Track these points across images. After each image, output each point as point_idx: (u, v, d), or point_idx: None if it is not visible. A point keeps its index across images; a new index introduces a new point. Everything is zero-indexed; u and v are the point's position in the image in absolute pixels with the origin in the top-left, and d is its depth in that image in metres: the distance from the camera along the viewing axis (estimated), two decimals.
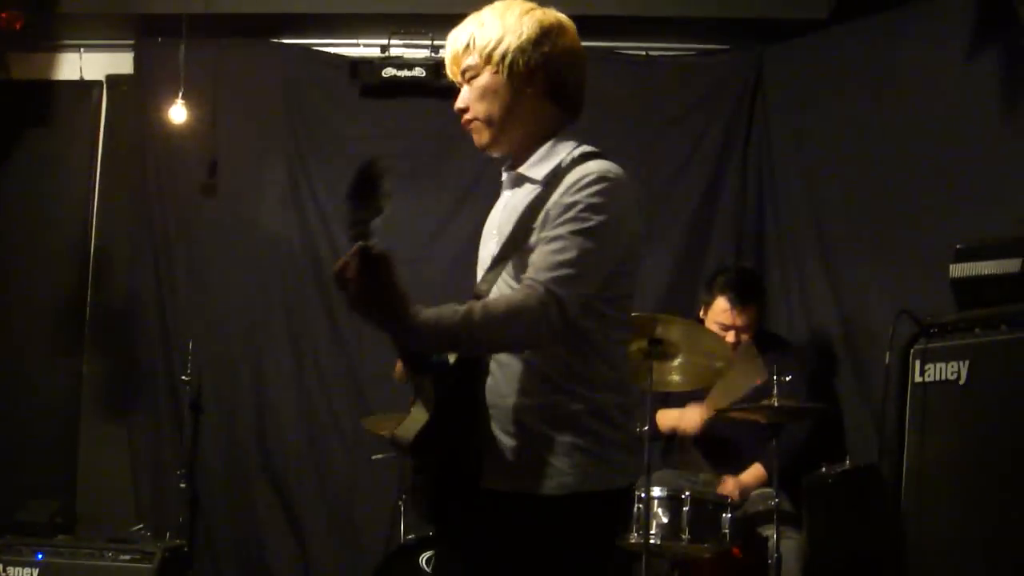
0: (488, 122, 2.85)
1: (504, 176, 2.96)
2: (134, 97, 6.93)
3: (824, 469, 4.85)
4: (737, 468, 5.32)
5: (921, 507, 4.44)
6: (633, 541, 4.72)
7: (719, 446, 5.39)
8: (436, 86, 6.38)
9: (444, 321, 2.54)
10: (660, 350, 4.71)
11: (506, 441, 2.71)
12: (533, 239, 2.67)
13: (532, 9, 2.88)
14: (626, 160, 6.37)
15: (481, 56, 2.82)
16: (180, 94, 6.42)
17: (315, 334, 6.60)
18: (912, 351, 4.56)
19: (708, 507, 4.78)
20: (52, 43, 7.10)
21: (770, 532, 4.75)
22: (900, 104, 5.74)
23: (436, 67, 6.39)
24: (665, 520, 4.74)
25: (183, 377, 6.22)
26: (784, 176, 6.39)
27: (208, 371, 6.49)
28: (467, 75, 2.85)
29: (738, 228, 6.45)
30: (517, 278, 2.69)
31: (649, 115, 6.58)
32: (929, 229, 5.37)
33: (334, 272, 2.48)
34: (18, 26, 6.51)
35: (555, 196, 2.68)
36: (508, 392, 2.72)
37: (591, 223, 2.64)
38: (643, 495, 4.68)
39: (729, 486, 5.17)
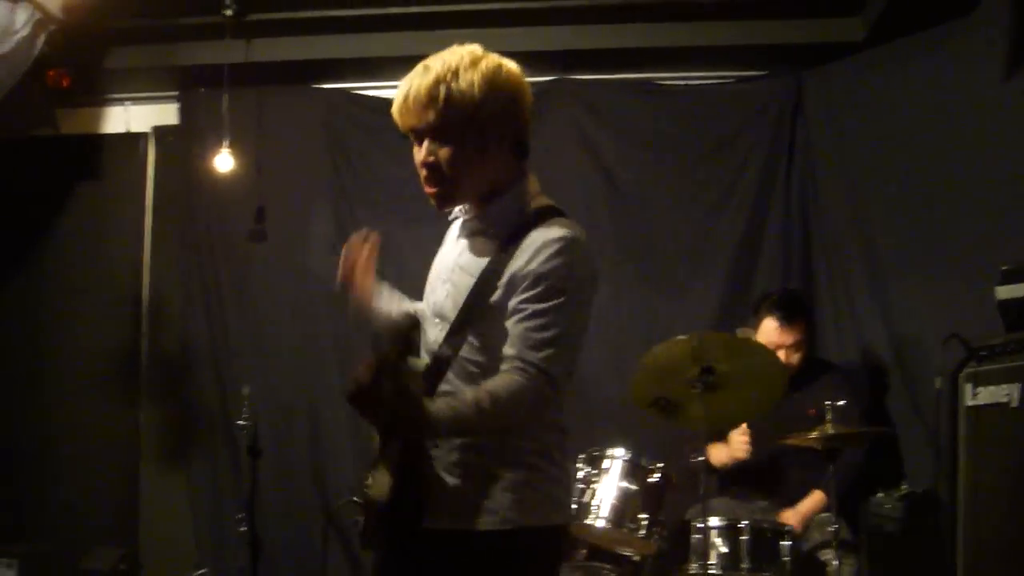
0: (449, 175, 2.83)
1: (459, 221, 2.98)
2: (180, 147, 7.04)
3: (881, 495, 4.84)
4: (792, 496, 5.32)
5: (977, 531, 4.41)
6: (693, 572, 4.74)
7: (774, 475, 5.39)
8: None
9: (460, 415, 2.64)
10: (712, 380, 4.70)
11: (448, 480, 2.78)
12: (496, 297, 2.72)
13: (478, 59, 2.85)
14: (668, 191, 6.48)
15: (441, 110, 2.76)
16: (225, 143, 6.49)
17: None
18: (962, 375, 4.53)
19: (767, 535, 4.79)
20: (99, 98, 7.24)
21: (829, 559, 4.75)
22: (940, 124, 5.71)
23: None
24: (724, 550, 4.76)
25: (239, 421, 6.28)
26: (829, 200, 6.39)
27: (263, 414, 6.53)
28: (427, 129, 2.80)
29: (785, 254, 6.44)
30: (480, 337, 2.76)
31: (690, 144, 6.59)
32: (975, 249, 5.33)
33: (348, 393, 2.58)
34: (65, 83, 6.66)
35: (521, 259, 2.72)
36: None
37: (566, 297, 2.71)
38: (701, 525, 4.70)
39: (790, 517, 5.17)
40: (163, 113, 7.16)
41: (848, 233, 6.25)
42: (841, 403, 4.85)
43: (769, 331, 5.45)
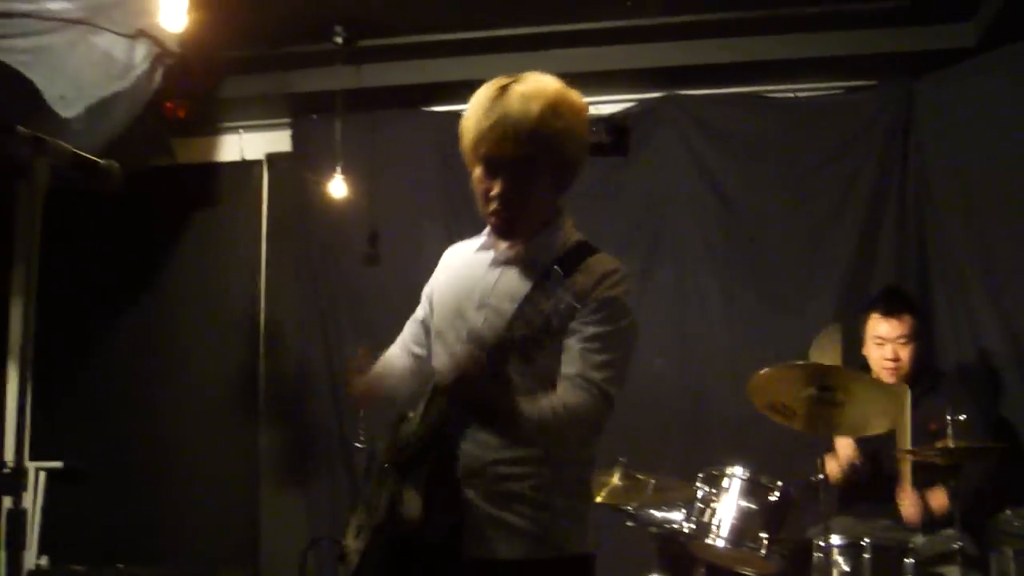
0: (520, 206, 2.87)
1: (496, 251, 2.98)
2: (293, 173, 7.15)
3: (1009, 512, 4.75)
4: None
5: None
6: None
7: (896, 492, 5.29)
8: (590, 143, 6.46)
9: (544, 419, 2.71)
10: (829, 397, 4.66)
11: (490, 508, 2.80)
12: (553, 323, 2.72)
13: (566, 95, 2.89)
14: (779, 204, 6.42)
15: (516, 143, 2.77)
16: (339, 168, 6.58)
17: None
18: None
19: (890, 553, 4.71)
20: (213, 127, 7.42)
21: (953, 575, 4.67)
22: None
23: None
24: (847, 568, 4.69)
25: (356, 444, 6.34)
26: (944, 209, 6.28)
27: (381, 436, 6.58)
28: (514, 160, 2.80)
29: (900, 265, 6.34)
30: (531, 363, 2.78)
31: (801, 157, 6.53)
32: None
33: (453, 375, 2.63)
34: (181, 114, 6.80)
35: (581, 286, 2.78)
36: (490, 459, 2.81)
37: (623, 323, 2.81)
38: (823, 543, 4.65)
39: (909, 507, 5.07)
40: (276, 140, 7.30)
41: (965, 242, 6.15)
42: (963, 417, 4.77)
43: (875, 326, 5.40)
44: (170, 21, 5.47)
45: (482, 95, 2.84)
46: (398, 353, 3.32)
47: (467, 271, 3.03)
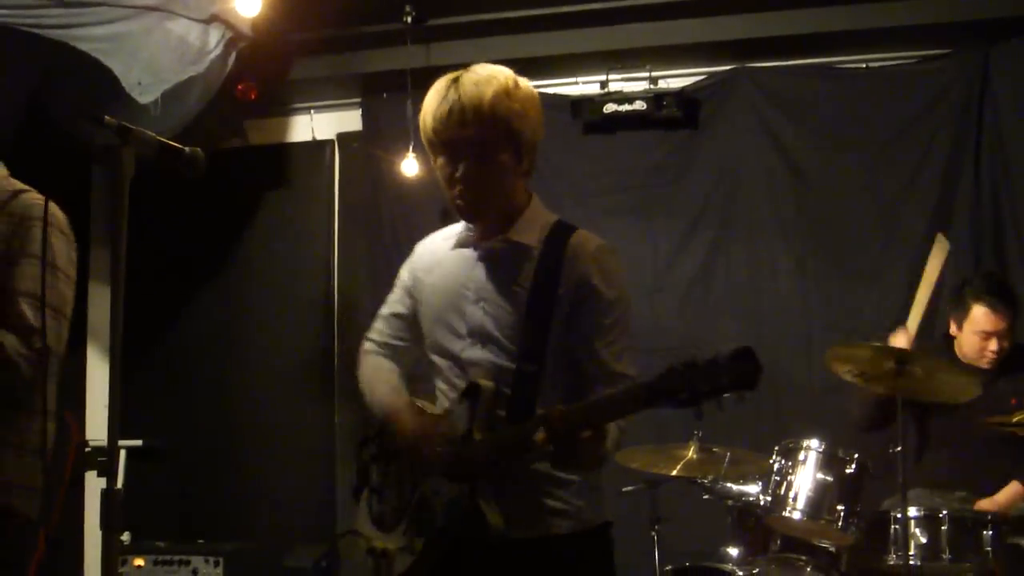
0: (485, 191, 2.91)
1: (477, 245, 3.00)
2: (364, 152, 7.21)
3: None
4: (991, 487, 5.16)
5: None
6: (892, 563, 4.69)
7: (973, 465, 5.25)
8: (657, 118, 6.51)
9: (617, 442, 2.80)
10: (907, 369, 4.65)
11: (515, 488, 2.84)
12: (560, 305, 2.84)
13: (517, 80, 2.97)
14: (852, 176, 6.38)
15: (491, 127, 2.84)
16: (410, 147, 6.62)
17: None
18: None
19: (968, 525, 4.70)
20: (284, 108, 7.48)
21: None
22: None
23: (657, 99, 6.49)
24: (924, 540, 4.69)
25: None
26: (1019, 177, 6.21)
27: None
28: (471, 144, 2.85)
29: (976, 235, 6.28)
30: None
31: (874, 128, 6.49)
32: None
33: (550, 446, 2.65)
34: (253, 96, 6.86)
35: (579, 268, 2.86)
36: None
37: (631, 311, 2.92)
38: (899, 515, 4.64)
39: (987, 507, 5.04)
40: (347, 120, 7.37)
41: None
42: None
43: (980, 319, 5.26)
44: (245, 6, 5.54)
45: (436, 87, 2.90)
46: (388, 364, 3.29)
47: (452, 268, 3.05)
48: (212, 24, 5.83)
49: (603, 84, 6.73)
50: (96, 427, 7.28)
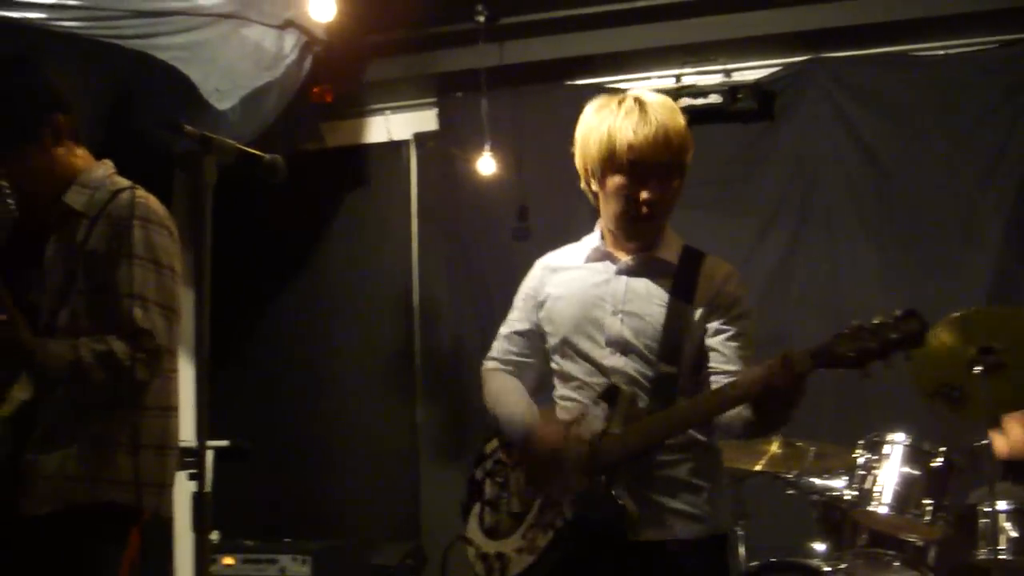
0: (665, 212, 3.08)
1: (614, 260, 3.11)
2: (440, 151, 7.23)
3: None
4: None
5: None
6: (982, 557, 4.63)
7: None
8: (732, 111, 6.48)
9: None
10: (993, 360, 4.56)
11: (649, 493, 2.94)
12: (695, 320, 3.00)
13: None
14: (932, 165, 6.29)
15: (687, 152, 3.02)
16: (487, 146, 6.65)
17: None
18: None
19: None
20: (360, 110, 7.53)
21: None
22: None
23: (731, 92, 6.46)
24: (1015, 534, 4.62)
25: None
26: None
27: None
28: (673, 166, 3.00)
29: None
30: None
31: (953, 116, 6.38)
32: None
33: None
34: (329, 99, 6.94)
35: (713, 287, 3.03)
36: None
37: (752, 319, 3.08)
38: (988, 509, 4.58)
39: None
40: (423, 120, 7.40)
41: None
42: None
43: None
44: (319, 11, 5.58)
45: (624, 107, 3.01)
46: (513, 381, 3.35)
47: (586, 283, 3.14)
48: (287, 30, 5.89)
49: (677, 79, 6.70)
50: (182, 428, 7.43)
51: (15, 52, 3.77)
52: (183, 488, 7.36)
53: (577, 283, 3.15)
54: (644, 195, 2.96)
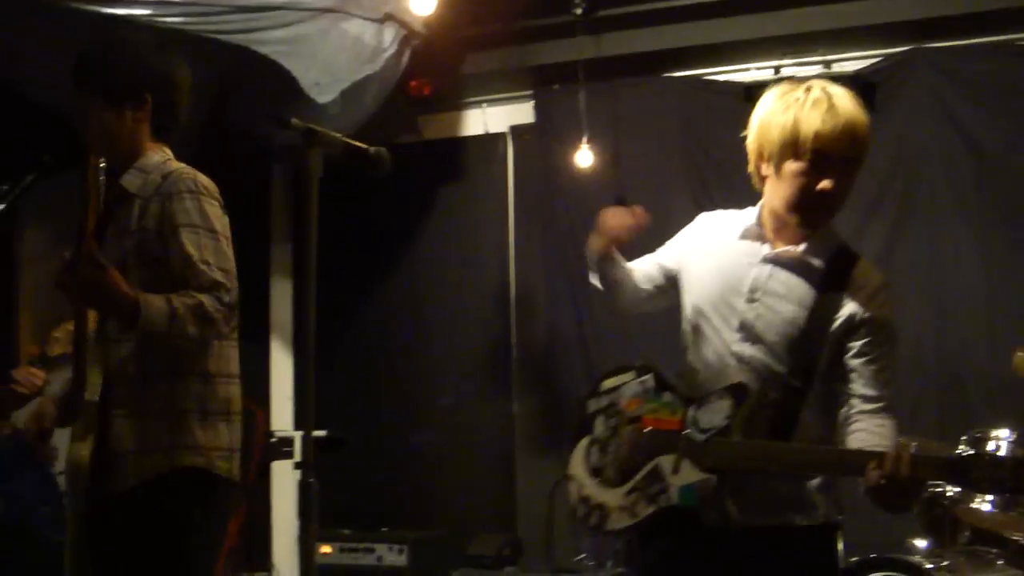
0: (839, 205, 2.99)
1: (768, 245, 3.07)
2: (537, 144, 7.25)
3: None
4: None
5: None
6: None
7: None
8: None
9: None
10: None
11: (756, 480, 2.93)
12: (833, 329, 2.91)
13: None
14: None
15: (854, 144, 2.92)
16: (584, 138, 6.65)
17: None
18: None
19: None
20: (457, 102, 7.56)
21: None
22: None
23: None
24: None
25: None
26: None
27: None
28: (855, 161, 2.94)
29: None
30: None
31: None
32: None
33: None
34: (426, 92, 6.99)
35: (859, 299, 2.92)
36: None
37: (897, 344, 2.99)
38: None
39: None
40: (519, 113, 7.41)
41: None
42: None
43: None
44: (419, 4, 5.63)
45: (811, 96, 2.93)
46: (640, 272, 3.47)
47: (733, 258, 3.11)
48: (386, 23, 5.95)
49: (776, 69, 6.64)
50: (280, 418, 7.55)
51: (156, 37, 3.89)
52: (283, 477, 7.51)
53: (723, 257, 3.13)
54: (823, 185, 2.90)
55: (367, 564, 6.58)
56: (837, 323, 2.91)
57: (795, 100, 2.93)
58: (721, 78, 6.86)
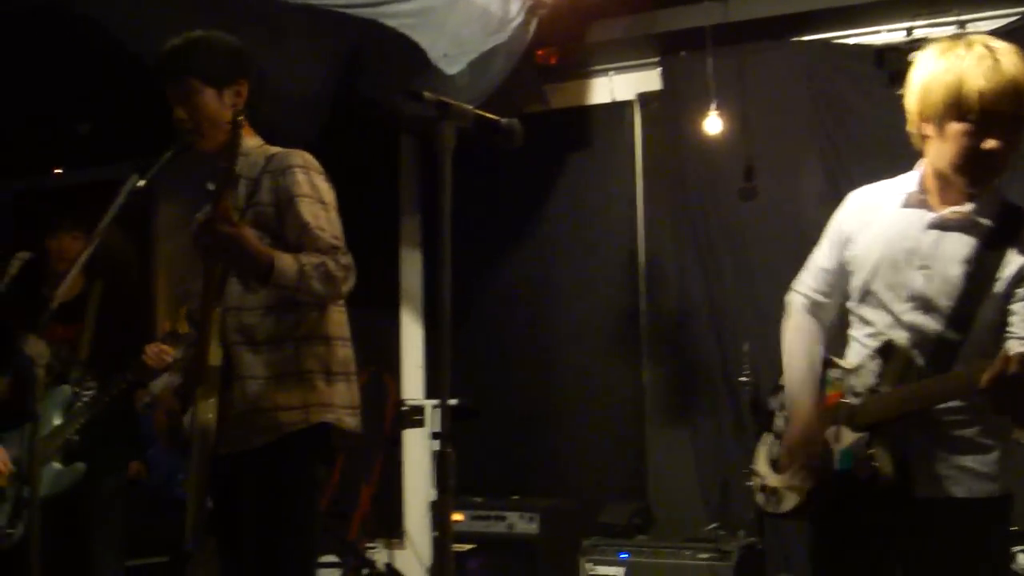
0: (1005, 166, 2.96)
1: (934, 210, 3.05)
2: (664, 111, 7.21)
3: None
4: None
5: None
6: None
7: None
8: None
9: None
10: None
11: (941, 453, 2.96)
12: (999, 288, 2.92)
13: None
14: None
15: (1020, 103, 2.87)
16: (712, 104, 6.59)
17: None
18: None
19: None
20: (583, 71, 7.54)
21: None
22: None
23: None
24: None
25: (741, 378, 6.32)
26: None
27: (765, 370, 6.57)
28: (1010, 119, 2.88)
29: None
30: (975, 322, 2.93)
31: None
32: None
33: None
34: (553, 60, 7.00)
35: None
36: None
37: None
38: None
39: None
40: (646, 79, 7.36)
41: None
42: None
43: None
44: None
45: (974, 53, 2.90)
46: (812, 326, 3.36)
47: (899, 228, 3.08)
48: None
49: (908, 32, 6.48)
50: (411, 387, 7.64)
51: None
52: (413, 445, 7.59)
53: (889, 230, 3.10)
54: (989, 144, 2.87)
55: (498, 532, 6.63)
56: (1006, 276, 2.90)
57: (956, 58, 2.89)
58: (851, 41, 6.74)
